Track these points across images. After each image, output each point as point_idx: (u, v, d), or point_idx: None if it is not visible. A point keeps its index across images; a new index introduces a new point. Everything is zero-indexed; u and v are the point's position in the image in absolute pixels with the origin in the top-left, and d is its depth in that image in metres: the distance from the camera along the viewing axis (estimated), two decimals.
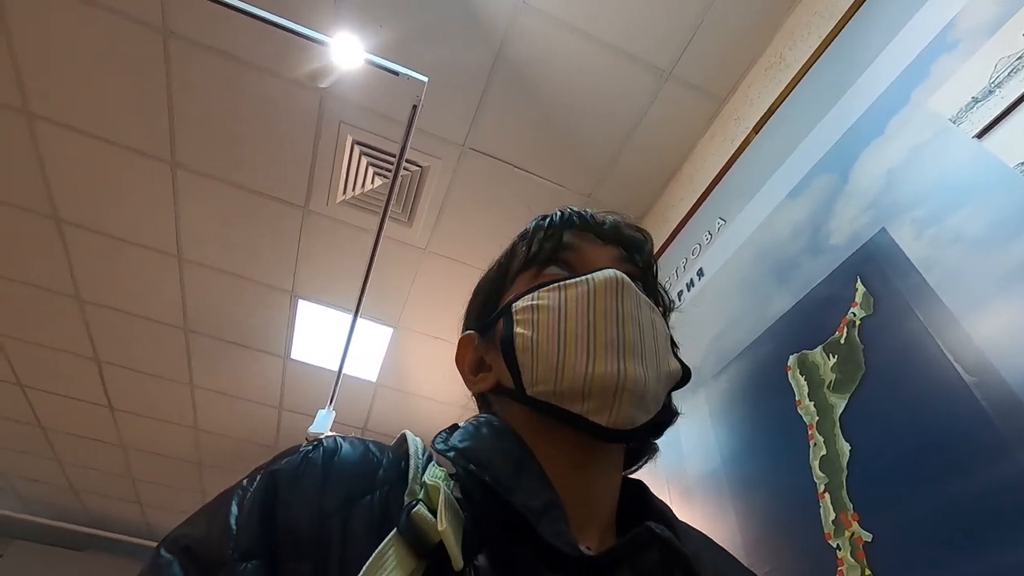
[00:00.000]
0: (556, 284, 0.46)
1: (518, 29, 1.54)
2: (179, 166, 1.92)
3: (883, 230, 0.91)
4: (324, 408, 2.43)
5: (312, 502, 0.37)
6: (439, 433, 0.45)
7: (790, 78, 1.36)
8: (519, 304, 0.47)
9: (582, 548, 0.36)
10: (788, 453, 0.95)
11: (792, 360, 1.01)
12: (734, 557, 0.48)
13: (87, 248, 2.22)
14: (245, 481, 0.39)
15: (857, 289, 0.92)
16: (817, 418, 0.92)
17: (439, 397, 2.86)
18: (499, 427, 0.45)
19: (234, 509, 0.36)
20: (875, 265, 0.90)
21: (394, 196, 1.71)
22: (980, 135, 0.80)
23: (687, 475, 1.20)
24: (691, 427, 1.24)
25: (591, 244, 0.52)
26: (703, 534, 0.48)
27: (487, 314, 0.52)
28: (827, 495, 0.85)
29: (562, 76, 1.63)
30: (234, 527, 0.35)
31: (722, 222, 1.41)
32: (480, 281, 0.57)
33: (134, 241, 2.19)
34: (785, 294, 1.08)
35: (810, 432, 0.92)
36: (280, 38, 1.41)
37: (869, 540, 0.77)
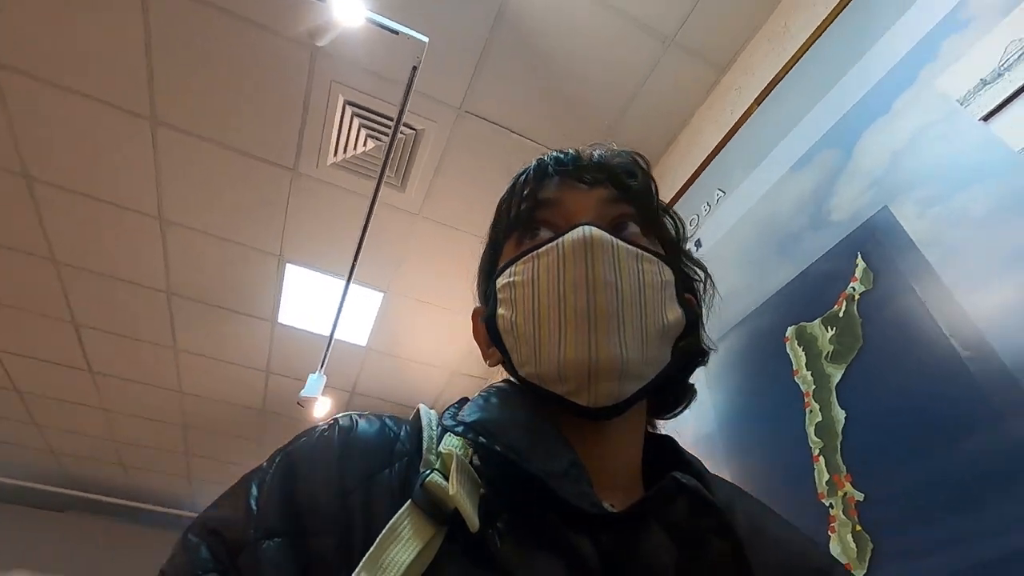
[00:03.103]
0: (530, 255, 0.44)
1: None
2: (160, 123, 1.84)
3: (885, 208, 0.94)
4: (315, 373, 2.44)
5: (331, 479, 0.37)
6: (448, 408, 0.45)
7: (794, 48, 1.36)
8: (500, 281, 0.46)
9: (605, 506, 0.36)
10: (784, 419, 1.01)
11: (791, 331, 1.06)
12: (769, 507, 0.46)
13: (61, 208, 2.12)
14: (265, 463, 0.39)
15: (858, 265, 0.95)
16: (814, 387, 0.97)
17: (430, 361, 2.89)
18: (510, 393, 0.44)
19: (254, 491, 0.37)
20: (876, 242, 0.93)
21: (390, 160, 1.67)
22: (987, 118, 0.82)
23: (682, 438, 1.26)
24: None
25: (573, 192, 0.48)
26: (735, 485, 0.47)
27: (486, 286, 0.51)
28: (822, 458, 0.91)
29: (563, 38, 1.60)
30: (255, 508, 0.35)
31: (721, 193, 1.43)
32: (483, 251, 0.55)
33: (112, 201, 2.10)
34: (785, 267, 1.12)
35: (807, 400, 0.97)
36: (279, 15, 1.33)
37: (861, 499, 0.83)
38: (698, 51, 1.61)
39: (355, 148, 1.91)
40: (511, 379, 0.47)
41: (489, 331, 0.47)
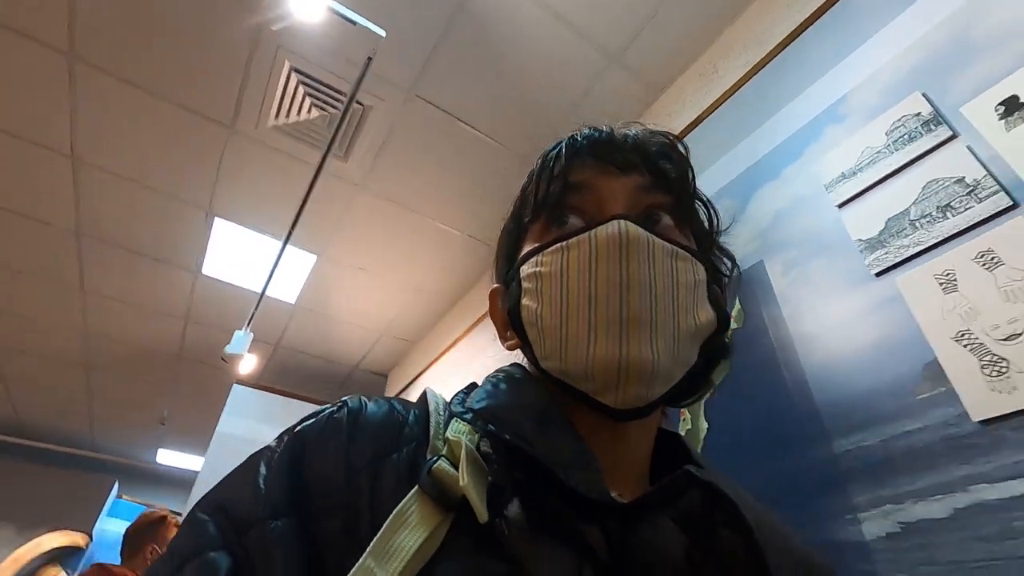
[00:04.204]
0: (559, 245, 0.43)
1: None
2: (79, 59, 1.70)
3: (761, 262, 1.15)
4: (241, 330, 2.44)
5: (339, 460, 0.36)
6: (456, 394, 0.44)
7: (719, 91, 1.53)
8: (525, 269, 0.45)
9: (614, 495, 0.36)
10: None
11: None
12: (764, 504, 0.47)
13: None
14: (273, 443, 0.39)
15: (735, 305, 1.17)
16: None
17: (359, 323, 2.95)
18: (520, 379, 0.44)
19: (263, 470, 0.36)
20: (751, 289, 1.15)
21: (339, 134, 1.69)
22: (841, 206, 1.04)
23: None
24: None
25: (606, 177, 0.45)
26: (736, 482, 0.46)
27: (507, 268, 0.49)
28: None
29: (517, 39, 1.66)
30: (263, 487, 0.35)
31: None
32: (502, 228, 0.52)
33: (18, 134, 1.93)
34: None
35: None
36: None
37: None
38: (637, 71, 1.74)
39: (298, 114, 1.88)
40: (519, 364, 0.47)
41: (512, 320, 0.46)
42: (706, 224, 0.50)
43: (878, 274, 0.93)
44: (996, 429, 0.73)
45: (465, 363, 2.49)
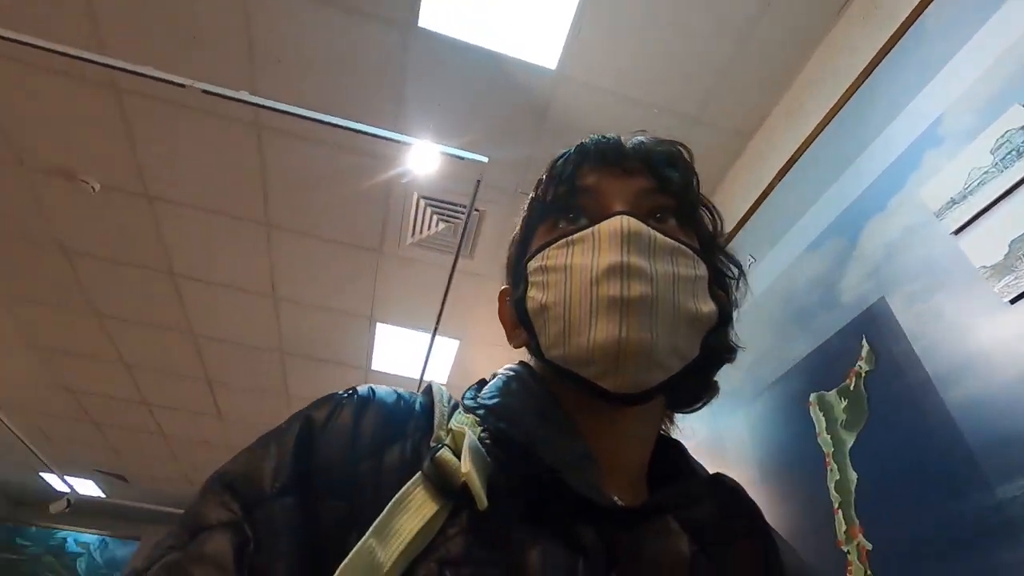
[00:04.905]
0: (565, 240, 0.44)
1: (559, 96, 1.75)
2: (272, 226, 2.25)
3: (883, 299, 1.12)
4: None
5: (345, 445, 0.38)
6: (469, 388, 0.46)
7: (808, 127, 1.53)
8: (532, 264, 0.46)
9: (614, 499, 0.37)
10: (810, 474, 1.21)
11: (813, 397, 1.25)
12: None
13: (196, 294, 2.61)
14: (284, 424, 0.40)
15: (863, 346, 1.14)
16: (833, 449, 1.16)
17: None
18: (526, 379, 0.45)
19: (272, 450, 0.38)
20: (877, 328, 1.12)
21: (464, 238, 1.99)
22: (956, 232, 1.00)
23: None
24: (734, 442, 1.50)
25: (611, 179, 0.47)
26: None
27: (516, 268, 0.51)
28: (840, 511, 1.11)
29: (597, 128, 1.83)
30: (272, 467, 0.36)
31: (752, 259, 1.62)
32: (511, 239, 0.55)
33: (235, 285, 2.56)
34: (806, 339, 1.31)
35: (827, 460, 1.17)
36: (362, 141, 1.68)
37: (871, 548, 1.02)
38: (719, 125, 1.80)
39: (429, 229, 2.24)
40: (526, 363, 0.48)
41: (518, 312, 0.47)
42: (710, 228, 0.51)
43: (1012, 300, 0.88)
44: None
45: None
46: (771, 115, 1.75)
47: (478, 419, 0.41)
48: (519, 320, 0.47)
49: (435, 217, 2.18)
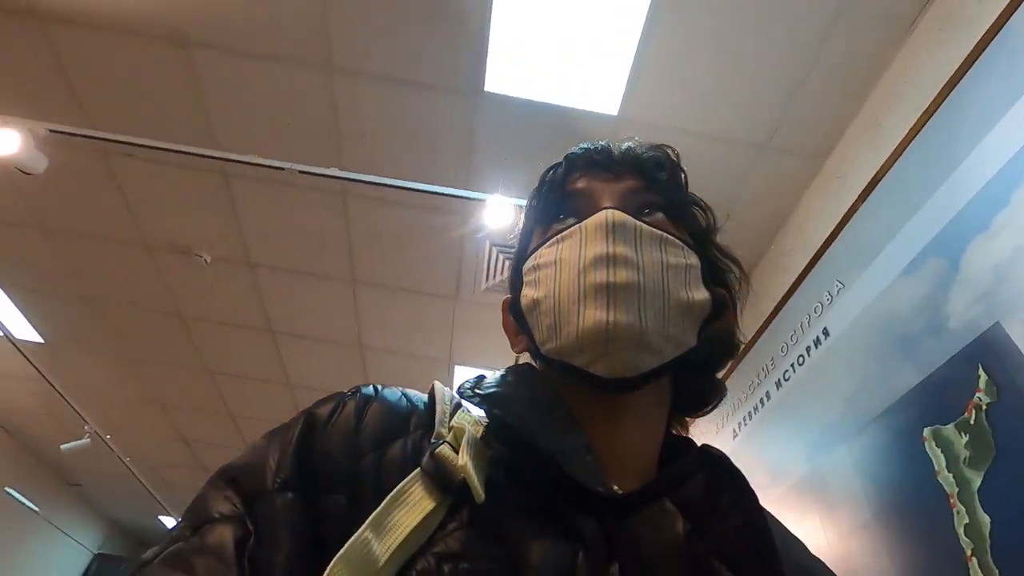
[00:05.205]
0: (555, 238, 0.45)
1: (621, 139, 1.79)
2: (357, 282, 2.42)
3: (998, 324, 1.04)
4: None
5: (347, 441, 0.38)
6: (466, 380, 0.45)
7: (889, 145, 1.47)
8: (526, 265, 0.47)
9: (614, 488, 0.37)
10: (933, 516, 1.12)
11: (927, 432, 1.17)
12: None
13: (292, 348, 2.83)
14: (290, 421, 0.41)
15: (980, 376, 1.06)
16: (957, 488, 1.07)
17: None
18: (527, 373, 0.46)
19: (275, 446, 0.38)
20: (995, 356, 1.04)
21: None
22: None
23: (841, 525, 1.39)
24: (838, 480, 1.42)
25: (601, 182, 0.48)
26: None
27: (514, 276, 0.52)
28: (974, 559, 1.01)
29: None
30: (274, 462, 0.37)
31: (840, 285, 1.55)
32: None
33: (326, 339, 2.75)
34: (911, 369, 1.23)
35: (952, 500, 1.08)
36: (438, 199, 1.80)
37: None
38: (791, 149, 1.76)
39: (501, 274, 2.32)
40: (529, 363, 0.48)
41: (514, 313, 0.48)
42: (703, 224, 0.51)
43: None
44: None
45: None
46: (845, 134, 1.70)
47: (478, 419, 0.42)
48: (517, 323, 0.48)
49: (507, 262, 2.26)
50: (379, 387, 0.44)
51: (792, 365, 1.70)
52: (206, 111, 1.82)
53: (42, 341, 2.98)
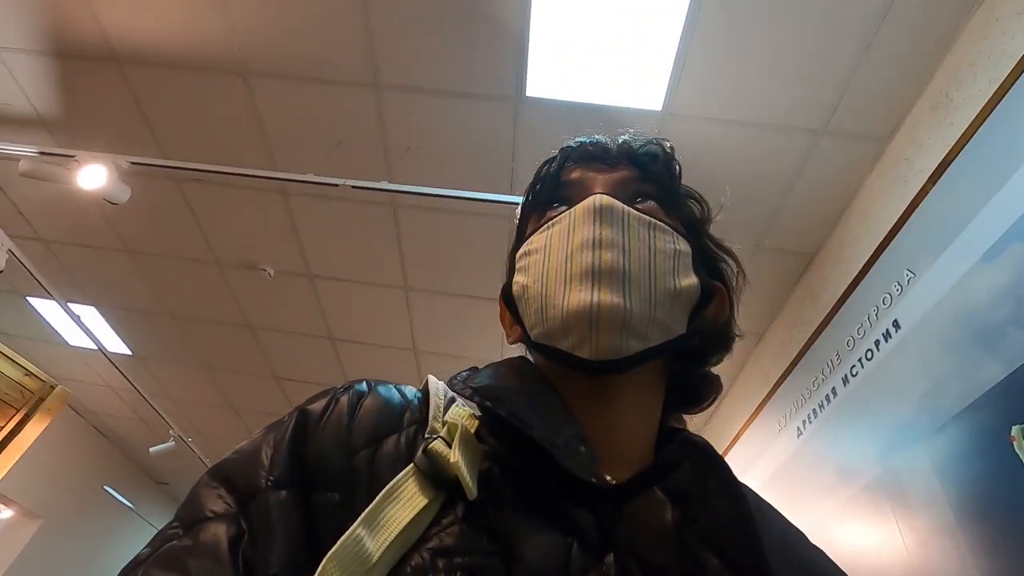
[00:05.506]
0: (545, 225, 0.45)
1: (666, 134, 1.74)
2: (410, 289, 2.49)
3: None
4: None
5: (340, 437, 0.38)
6: (458, 374, 0.45)
7: (962, 122, 1.37)
8: (519, 253, 0.47)
9: (608, 478, 0.37)
10: None
11: (1016, 431, 1.08)
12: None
13: (351, 354, 2.95)
14: (285, 418, 0.40)
15: None
16: None
17: None
18: (519, 366, 0.45)
19: (268, 443, 0.38)
20: None
21: None
22: None
23: (920, 530, 1.31)
24: (916, 482, 1.34)
25: (594, 172, 0.48)
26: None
27: (508, 266, 0.52)
28: None
29: (712, 160, 1.80)
30: (267, 460, 0.37)
31: (911, 274, 1.46)
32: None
33: (382, 344, 2.85)
34: (995, 363, 1.15)
35: None
36: (484, 204, 1.83)
37: None
38: (852, 132, 1.67)
39: None
40: (524, 356, 0.49)
41: (505, 301, 0.48)
42: (697, 215, 0.52)
43: None
44: None
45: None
46: (911, 113, 1.59)
47: (472, 412, 0.42)
48: (511, 313, 0.48)
49: None
50: (372, 382, 0.43)
51: (860, 360, 1.62)
52: (265, 135, 1.93)
53: (131, 353, 3.25)
